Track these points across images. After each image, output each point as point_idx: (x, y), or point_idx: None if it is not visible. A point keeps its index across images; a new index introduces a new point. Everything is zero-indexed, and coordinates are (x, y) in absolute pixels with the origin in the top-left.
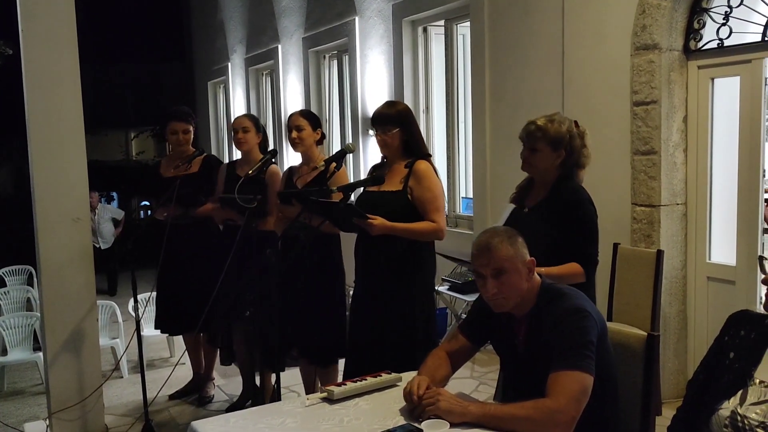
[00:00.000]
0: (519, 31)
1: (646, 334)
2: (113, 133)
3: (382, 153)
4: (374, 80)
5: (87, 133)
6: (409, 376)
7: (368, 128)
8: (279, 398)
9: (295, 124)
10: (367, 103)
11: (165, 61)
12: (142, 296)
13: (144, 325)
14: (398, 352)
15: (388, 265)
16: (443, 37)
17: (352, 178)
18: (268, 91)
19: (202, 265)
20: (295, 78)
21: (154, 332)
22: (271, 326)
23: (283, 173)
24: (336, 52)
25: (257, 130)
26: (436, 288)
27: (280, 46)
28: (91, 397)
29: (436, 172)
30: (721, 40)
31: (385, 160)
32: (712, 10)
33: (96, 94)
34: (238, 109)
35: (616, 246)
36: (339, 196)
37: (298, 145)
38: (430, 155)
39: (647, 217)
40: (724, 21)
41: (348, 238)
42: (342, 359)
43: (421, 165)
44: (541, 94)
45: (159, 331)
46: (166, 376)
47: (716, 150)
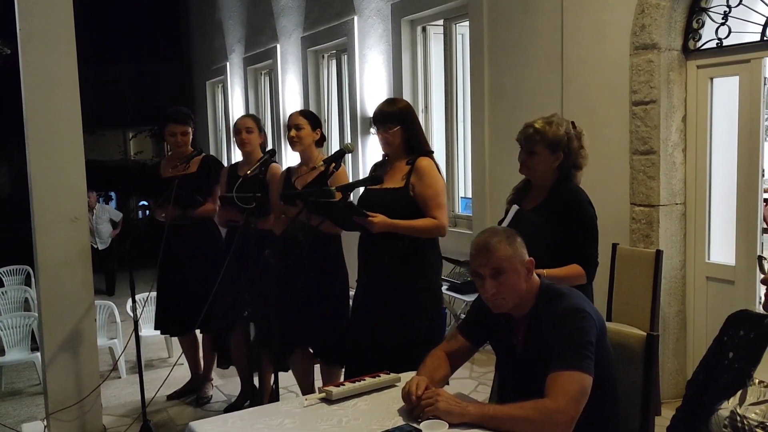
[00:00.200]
0: (518, 30)
1: (645, 334)
2: (111, 132)
3: (384, 151)
4: (373, 80)
5: (85, 132)
6: (407, 377)
7: (367, 128)
8: (277, 399)
9: (294, 123)
10: (366, 102)
11: (163, 60)
12: (140, 296)
13: (142, 325)
14: (400, 351)
15: (390, 264)
16: (442, 36)
17: (351, 178)
18: (267, 91)
19: (201, 265)
20: (294, 78)
21: (153, 332)
22: (269, 326)
23: (281, 174)
24: (335, 51)
25: (260, 130)
26: None
27: (278, 46)
28: (89, 398)
29: (438, 168)
30: (720, 39)
31: (387, 158)
32: (711, 9)
33: (94, 94)
34: (237, 109)
35: (615, 246)
36: (338, 196)
37: (297, 144)
38: (432, 152)
39: (646, 217)
40: (723, 21)
41: (350, 239)
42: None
43: (423, 162)
44: (541, 93)
45: (158, 332)
46: (164, 376)
47: (715, 150)
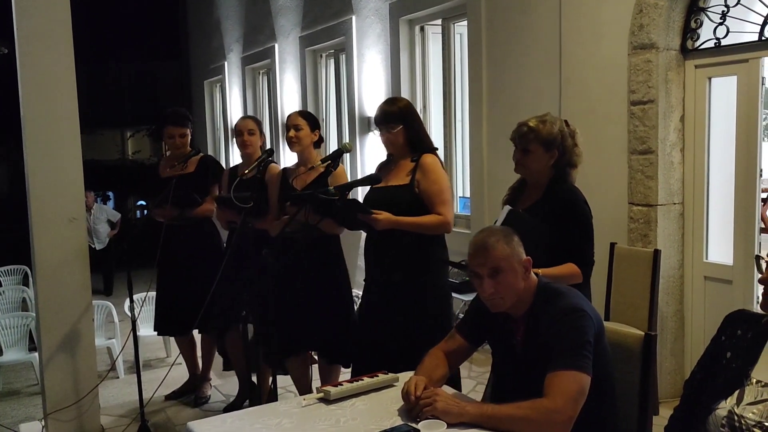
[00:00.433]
0: (516, 30)
1: (643, 333)
2: (109, 132)
3: (388, 151)
4: (371, 79)
5: (83, 132)
6: (406, 377)
7: (366, 127)
8: (276, 398)
9: (293, 123)
10: (364, 102)
11: (161, 60)
12: (138, 296)
13: (140, 325)
14: (407, 350)
15: (396, 262)
16: (440, 36)
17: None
18: (265, 91)
19: (199, 265)
20: (292, 77)
21: (151, 332)
22: (267, 326)
23: (277, 175)
24: (333, 51)
25: (260, 132)
26: None
27: (276, 45)
28: (87, 398)
29: (442, 165)
30: (718, 39)
31: (391, 158)
32: (709, 9)
33: (92, 93)
34: (235, 109)
35: (613, 245)
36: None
37: (295, 145)
38: (436, 149)
39: (644, 217)
40: (721, 20)
41: (350, 239)
42: (350, 364)
43: (428, 158)
44: (539, 93)
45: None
46: (162, 376)
47: (713, 149)
